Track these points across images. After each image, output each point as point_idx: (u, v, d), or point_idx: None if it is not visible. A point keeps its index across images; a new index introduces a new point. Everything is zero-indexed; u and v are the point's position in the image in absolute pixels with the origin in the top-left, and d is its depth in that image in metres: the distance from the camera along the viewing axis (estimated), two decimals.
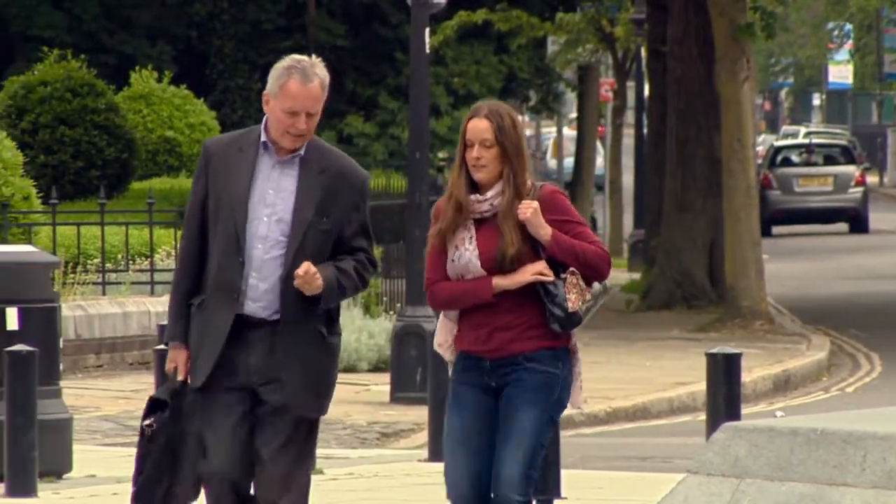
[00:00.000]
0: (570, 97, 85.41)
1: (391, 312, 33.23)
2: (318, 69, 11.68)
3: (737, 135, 41.43)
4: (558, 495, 19.71)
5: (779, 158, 76.35)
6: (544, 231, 11.35)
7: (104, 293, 33.84)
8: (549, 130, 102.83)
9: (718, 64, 42.18)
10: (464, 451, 11.28)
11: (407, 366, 28.43)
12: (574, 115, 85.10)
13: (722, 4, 41.37)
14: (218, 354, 11.20)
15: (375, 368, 31.34)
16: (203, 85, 57.65)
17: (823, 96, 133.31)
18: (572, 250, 11.38)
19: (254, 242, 11.25)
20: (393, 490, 20.95)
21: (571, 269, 11.41)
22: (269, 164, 11.40)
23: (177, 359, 11.34)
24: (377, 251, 36.87)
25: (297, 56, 11.76)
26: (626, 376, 33.07)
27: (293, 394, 11.27)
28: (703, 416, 21.25)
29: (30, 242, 28.55)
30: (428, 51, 32.99)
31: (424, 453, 24.43)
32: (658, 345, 36.53)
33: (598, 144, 77.40)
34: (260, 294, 11.27)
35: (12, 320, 20.74)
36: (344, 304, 33.26)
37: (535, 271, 11.30)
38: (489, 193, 11.46)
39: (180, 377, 11.36)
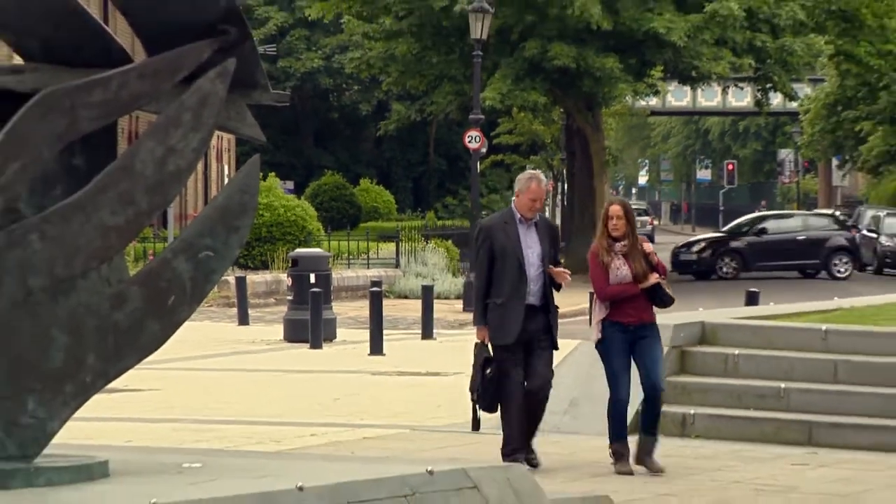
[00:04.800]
0: None
1: (459, 275, 32.55)
2: (543, 177, 10.57)
3: (602, 205, 41.43)
4: None
5: None
6: (656, 259, 10.43)
7: (349, 267, 33.75)
8: None
9: (595, 178, 41.73)
10: (625, 370, 10.21)
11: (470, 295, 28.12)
12: None
13: (596, 152, 41.05)
14: (521, 327, 10.21)
15: (456, 297, 29.96)
16: (388, 184, 57.37)
17: (636, 189, 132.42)
18: (663, 268, 10.48)
19: (529, 268, 10.27)
20: None
21: (662, 276, 10.47)
22: (524, 228, 10.34)
23: (484, 334, 10.30)
24: (455, 256, 36.73)
25: (531, 170, 10.94)
26: (556, 298, 32.50)
27: (553, 339, 10.39)
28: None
29: (319, 247, 28.59)
30: (478, 171, 32.93)
31: None
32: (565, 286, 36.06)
33: (547, 209, 77.20)
34: (534, 293, 10.28)
35: (312, 279, 20.87)
36: (447, 269, 33.60)
37: (656, 278, 10.30)
38: (626, 242, 10.24)
39: (487, 342, 10.34)
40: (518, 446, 10.11)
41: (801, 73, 40.73)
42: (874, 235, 41.33)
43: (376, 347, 18.88)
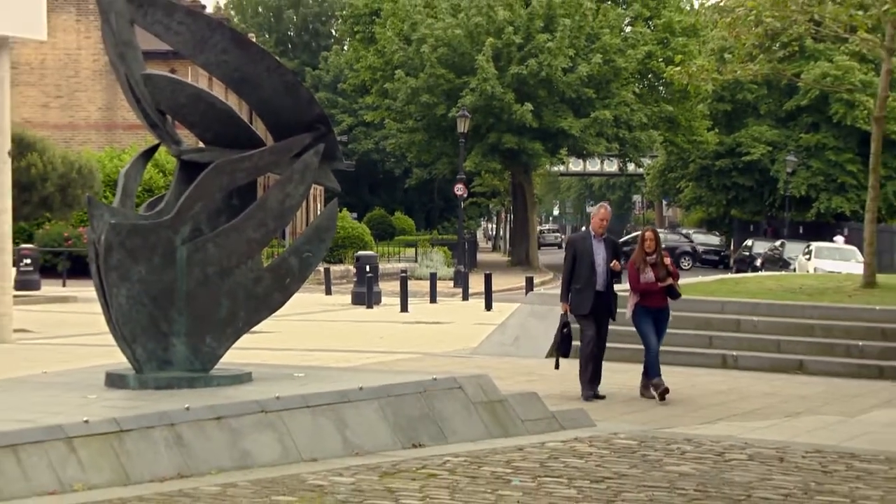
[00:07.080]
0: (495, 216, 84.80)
1: (451, 266, 32.30)
2: (609, 207, 9.15)
3: (532, 229, 40.70)
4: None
5: (545, 229, 75.84)
6: (672, 267, 9.12)
7: (388, 262, 33.26)
8: (490, 226, 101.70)
9: (529, 211, 41.32)
10: (652, 331, 9.05)
11: (461, 276, 27.49)
12: (496, 221, 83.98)
13: (529, 196, 40.65)
14: (592, 304, 8.90)
15: (449, 279, 29.59)
16: (410, 214, 56.88)
17: (552, 217, 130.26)
18: (677, 274, 9.10)
19: (598, 267, 8.89)
20: None
21: (675, 280, 9.11)
22: (596, 242, 8.99)
23: (566, 307, 8.97)
24: (449, 256, 35.83)
25: (602, 202, 9.49)
26: (507, 280, 32.32)
27: (611, 312, 9.09)
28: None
29: (371, 251, 27.94)
30: (462, 208, 32.63)
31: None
32: (511, 273, 35.90)
33: (501, 230, 76.29)
34: (600, 283, 8.89)
35: (367, 269, 20.00)
36: (444, 263, 32.96)
37: (669, 281, 9.02)
38: (654, 256, 9.05)
39: (567, 313, 9.00)
40: (587, 387, 9.06)
41: (645, 152, 41.44)
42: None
43: (404, 307, 18.84)
